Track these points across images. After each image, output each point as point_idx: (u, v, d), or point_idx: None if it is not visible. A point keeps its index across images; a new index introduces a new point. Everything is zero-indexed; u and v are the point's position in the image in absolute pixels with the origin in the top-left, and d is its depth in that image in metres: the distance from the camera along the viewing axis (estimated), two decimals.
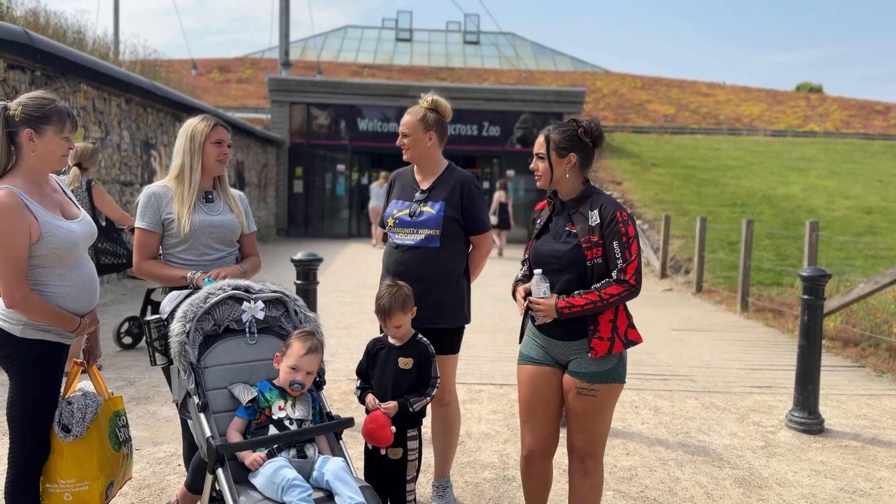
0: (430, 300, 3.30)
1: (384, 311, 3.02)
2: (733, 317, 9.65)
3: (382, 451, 3.02)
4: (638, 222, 15.42)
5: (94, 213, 6.75)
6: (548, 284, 2.85)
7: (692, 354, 7.21)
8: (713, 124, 30.98)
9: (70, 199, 2.88)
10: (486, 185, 22.08)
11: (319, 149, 21.75)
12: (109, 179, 9.89)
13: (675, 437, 4.78)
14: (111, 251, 7.11)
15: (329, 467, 2.51)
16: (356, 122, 21.50)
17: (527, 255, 3.08)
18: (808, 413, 4.99)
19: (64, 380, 2.88)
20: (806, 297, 5.02)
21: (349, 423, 2.71)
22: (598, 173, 19.62)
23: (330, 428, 2.70)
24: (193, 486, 3.07)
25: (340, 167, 21.84)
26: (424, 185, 3.42)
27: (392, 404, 2.95)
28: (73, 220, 2.78)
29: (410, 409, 2.99)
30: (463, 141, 21.32)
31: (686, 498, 3.82)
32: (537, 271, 2.88)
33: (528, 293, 2.89)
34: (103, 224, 7.44)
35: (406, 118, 3.41)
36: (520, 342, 3.14)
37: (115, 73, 9.55)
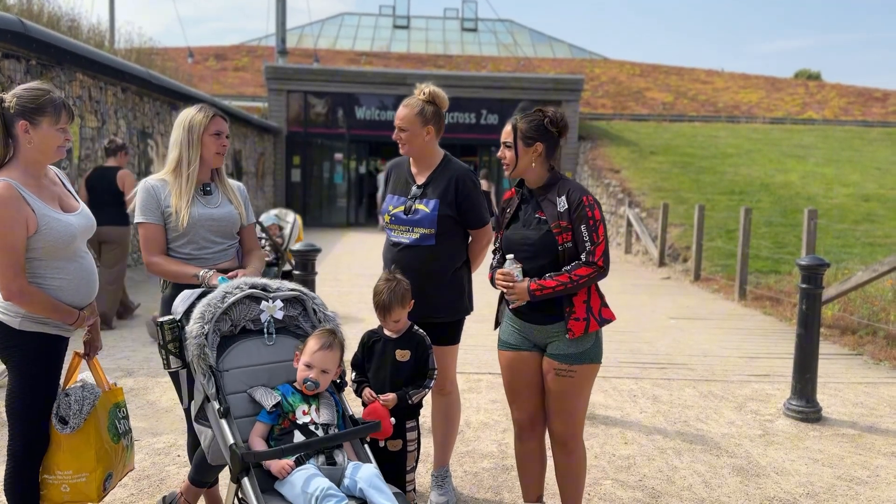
0: (428, 295, 3.29)
1: (384, 307, 2.99)
2: (731, 305, 9.66)
3: (381, 443, 3.02)
4: (636, 210, 15.40)
5: None
6: (520, 269, 2.93)
7: (690, 343, 7.23)
8: (712, 112, 30.91)
9: (69, 191, 2.86)
10: (483, 173, 22.07)
11: (317, 137, 21.69)
12: None
13: (673, 425, 4.79)
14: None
15: (362, 475, 2.41)
16: (353, 111, 21.44)
17: (498, 244, 3.15)
18: (805, 401, 5.00)
19: (64, 371, 2.88)
20: (804, 285, 5.03)
21: (376, 427, 2.62)
22: (597, 161, 19.60)
23: (359, 433, 2.59)
24: (197, 479, 3.07)
25: (338, 156, 21.80)
26: (420, 179, 3.39)
27: (391, 396, 2.93)
28: (72, 212, 2.76)
29: (409, 402, 2.99)
30: (461, 129, 21.28)
31: (684, 486, 3.84)
32: (509, 256, 2.97)
33: (507, 275, 2.95)
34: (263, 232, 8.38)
35: (402, 111, 3.33)
36: (495, 328, 3.24)
37: (111, 62, 9.49)
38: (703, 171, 18.31)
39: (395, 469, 3.05)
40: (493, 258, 3.19)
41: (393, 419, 2.90)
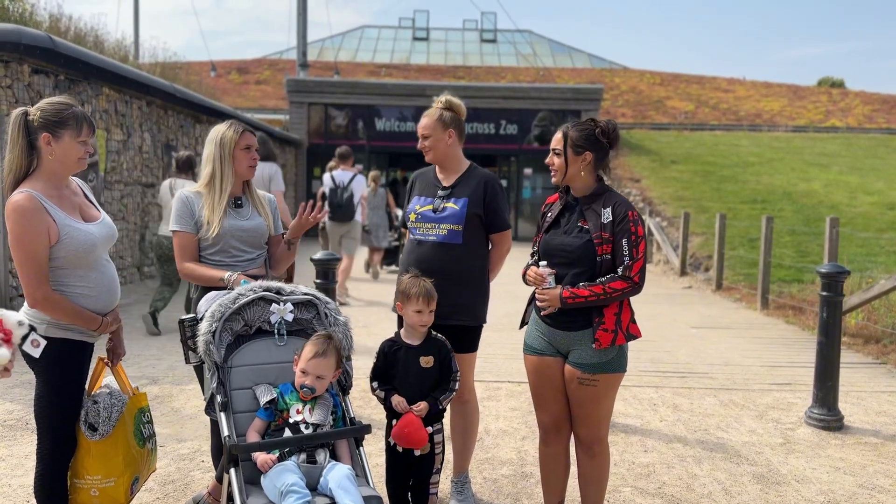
0: (451, 296, 3.34)
1: (429, 295, 3.04)
2: (753, 314, 9.60)
3: (417, 453, 3.04)
4: (657, 220, 15.34)
5: (389, 209, 11.77)
6: (553, 276, 2.96)
7: (711, 352, 7.19)
8: (733, 120, 30.74)
9: (91, 202, 2.94)
10: (503, 183, 22.11)
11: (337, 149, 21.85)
12: (132, 181, 10.03)
13: (693, 434, 4.78)
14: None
15: (333, 475, 2.49)
16: (374, 122, 21.60)
17: (536, 248, 3.17)
18: (827, 410, 4.97)
19: (89, 377, 2.96)
20: (825, 293, 5.00)
21: (366, 429, 2.67)
22: (617, 171, 19.56)
23: (341, 434, 2.67)
24: (222, 478, 3.14)
25: (358, 166, 21.95)
26: (447, 183, 3.47)
27: (423, 405, 2.98)
28: (93, 222, 2.84)
29: (440, 407, 3.03)
30: (480, 140, 21.33)
31: (704, 494, 3.83)
32: (542, 263, 2.99)
33: (538, 275, 2.97)
34: (397, 217, 11.65)
35: (424, 121, 3.46)
36: (520, 327, 3.27)
37: (136, 77, 9.68)
38: (725, 180, 18.22)
39: (421, 472, 3.09)
40: (531, 260, 3.21)
41: (430, 428, 2.94)
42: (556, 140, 3.04)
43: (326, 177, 9.68)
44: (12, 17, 8.99)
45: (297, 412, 2.64)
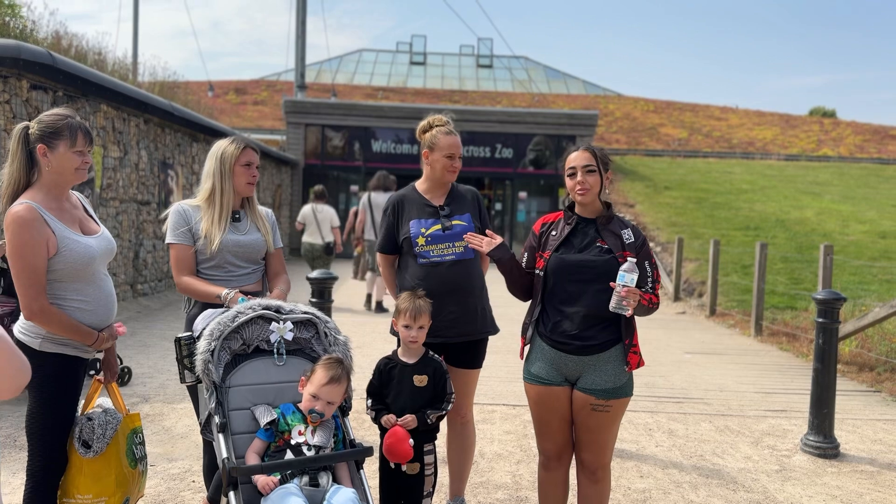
0: (479, 310, 3.41)
1: (417, 311, 3.03)
2: (747, 340, 9.59)
3: (404, 468, 3.02)
4: (650, 245, 15.39)
5: None
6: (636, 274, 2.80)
7: (706, 378, 7.17)
8: (726, 148, 30.98)
9: (91, 215, 2.93)
10: (498, 206, 22.17)
11: (333, 170, 21.90)
12: (127, 198, 10.00)
13: (689, 459, 4.75)
14: None
15: (337, 499, 2.42)
16: (370, 144, 21.67)
17: (541, 268, 3.10)
18: (823, 437, 4.95)
19: (83, 396, 2.92)
20: (821, 320, 5.01)
21: (368, 452, 2.61)
22: (612, 196, 19.60)
23: (345, 457, 2.61)
24: (214, 498, 3.09)
25: (354, 188, 21.97)
26: (437, 202, 3.47)
27: (410, 417, 2.96)
28: (92, 235, 2.83)
29: (428, 422, 3.01)
30: (475, 163, 21.41)
31: None
32: (625, 273, 2.77)
33: (632, 292, 2.76)
34: None
35: (458, 140, 3.46)
36: (521, 357, 3.17)
37: (134, 94, 9.70)
38: (718, 207, 18.31)
39: (412, 493, 3.05)
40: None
41: (412, 440, 2.92)
42: (586, 157, 2.95)
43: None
44: (12, 34, 9.02)
45: (300, 433, 2.58)
